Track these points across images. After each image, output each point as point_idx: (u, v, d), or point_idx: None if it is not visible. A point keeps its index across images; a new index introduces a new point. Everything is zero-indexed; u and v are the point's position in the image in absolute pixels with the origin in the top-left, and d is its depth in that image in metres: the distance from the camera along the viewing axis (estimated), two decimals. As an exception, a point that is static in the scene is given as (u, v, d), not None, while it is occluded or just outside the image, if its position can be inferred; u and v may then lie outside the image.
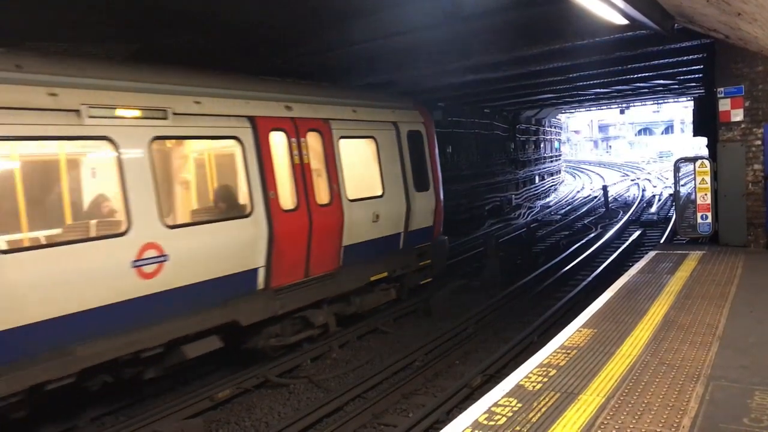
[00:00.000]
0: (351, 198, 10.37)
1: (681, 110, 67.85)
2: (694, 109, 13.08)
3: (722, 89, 10.70)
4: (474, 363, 9.45)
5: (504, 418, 4.50)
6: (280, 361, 9.34)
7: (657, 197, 30.98)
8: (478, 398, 5.05)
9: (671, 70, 16.11)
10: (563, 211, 28.68)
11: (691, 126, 13.57)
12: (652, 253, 10.85)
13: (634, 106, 33.52)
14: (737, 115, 10.65)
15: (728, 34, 9.56)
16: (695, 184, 11.21)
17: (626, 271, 9.69)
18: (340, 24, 9.73)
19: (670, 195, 28.67)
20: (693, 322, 6.63)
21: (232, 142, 8.58)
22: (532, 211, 28.87)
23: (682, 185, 13.17)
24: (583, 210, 27.85)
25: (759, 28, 7.80)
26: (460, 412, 4.84)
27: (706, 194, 11.05)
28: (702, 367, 5.36)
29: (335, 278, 10.16)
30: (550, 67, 12.92)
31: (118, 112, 7.08)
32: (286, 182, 9.32)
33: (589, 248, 17.82)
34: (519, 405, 4.72)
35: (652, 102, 33.86)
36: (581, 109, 29.30)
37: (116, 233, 6.95)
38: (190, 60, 8.53)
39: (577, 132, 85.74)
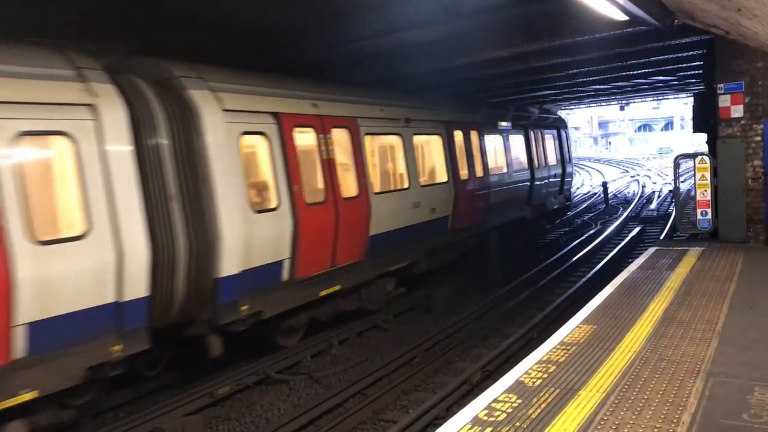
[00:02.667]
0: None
1: (681, 107, 67.81)
2: (694, 106, 13.08)
3: (722, 85, 10.68)
4: (474, 359, 9.47)
5: (504, 414, 4.51)
6: (280, 358, 9.35)
7: (657, 194, 31.00)
8: (478, 394, 5.07)
9: (671, 67, 16.06)
10: (563, 207, 28.71)
11: (691, 122, 13.55)
12: (651, 250, 10.86)
13: (633, 102, 33.39)
14: (737, 112, 10.64)
15: (728, 30, 9.54)
16: (695, 180, 11.21)
17: (626, 267, 9.70)
18: (340, 21, 9.71)
19: (670, 191, 28.66)
20: (693, 318, 6.64)
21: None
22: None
23: (682, 182, 13.13)
24: (583, 206, 27.86)
25: (759, 24, 7.79)
26: (460, 409, 4.85)
27: (705, 190, 11.05)
28: (702, 363, 5.37)
29: None
30: (550, 64, 12.90)
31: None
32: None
33: (589, 245, 17.84)
34: (519, 401, 4.73)
35: (652, 98, 33.78)
36: (581, 106, 29.22)
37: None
38: (190, 59, 8.51)
39: (576, 128, 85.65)
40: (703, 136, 13.94)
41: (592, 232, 20.51)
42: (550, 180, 19.78)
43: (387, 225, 10.97)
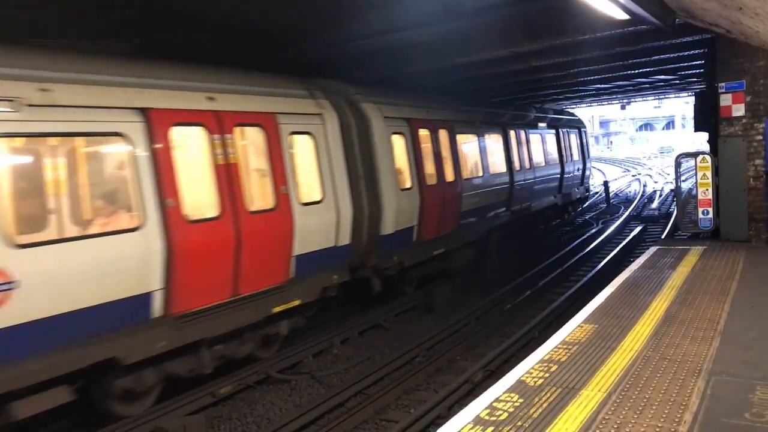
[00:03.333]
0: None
1: (682, 106, 67.80)
2: (695, 105, 13.03)
3: (723, 84, 10.67)
4: (475, 359, 9.46)
5: (505, 414, 4.50)
6: (281, 357, 9.36)
7: (658, 193, 30.98)
8: (480, 394, 5.06)
9: (672, 66, 16.04)
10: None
11: (692, 121, 13.53)
12: (653, 249, 10.85)
13: (635, 101, 33.37)
14: (738, 110, 10.62)
15: (729, 28, 9.53)
16: (696, 179, 11.20)
17: (627, 266, 9.69)
18: (340, 21, 9.71)
19: (671, 191, 28.64)
20: (694, 317, 6.63)
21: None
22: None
23: (684, 181, 13.14)
24: (584, 205, 27.83)
25: (760, 22, 7.78)
26: (462, 408, 4.84)
27: (707, 189, 11.04)
28: (703, 362, 5.36)
29: None
30: (550, 63, 12.88)
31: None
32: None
33: (591, 244, 17.84)
34: (520, 400, 4.73)
35: (653, 97, 33.75)
36: (582, 105, 29.15)
37: None
38: (190, 58, 8.52)
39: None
40: (704, 135, 13.91)
41: (593, 231, 20.50)
42: (575, 173, 23.09)
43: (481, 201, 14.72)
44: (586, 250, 16.99)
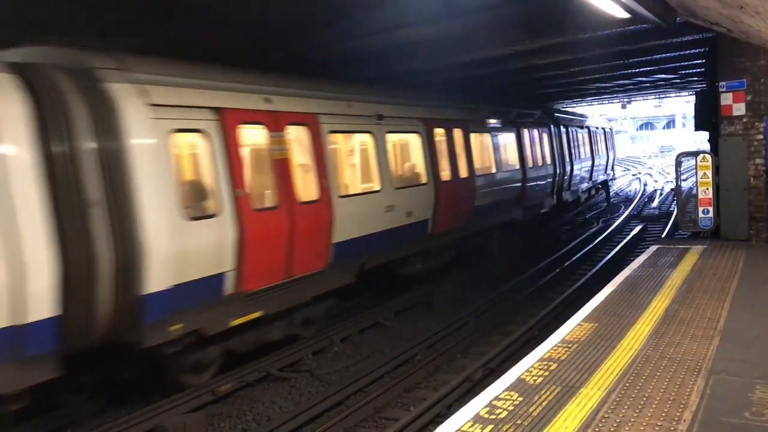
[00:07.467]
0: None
1: (683, 105, 67.67)
2: (695, 104, 13.02)
3: (724, 83, 10.67)
4: (475, 357, 9.47)
5: (505, 412, 4.51)
6: (281, 355, 9.36)
7: (658, 192, 30.97)
8: (480, 392, 5.06)
9: (673, 65, 16.06)
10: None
11: (693, 120, 13.53)
12: (653, 248, 10.85)
13: (635, 100, 33.40)
14: (739, 110, 10.62)
15: (730, 27, 9.52)
16: (697, 178, 11.20)
17: (627, 265, 9.69)
18: (341, 18, 9.70)
19: (672, 190, 28.64)
20: (694, 316, 6.64)
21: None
22: None
23: (684, 180, 13.14)
24: (584, 205, 27.83)
25: (761, 21, 7.77)
26: (462, 406, 4.85)
27: (707, 189, 11.04)
28: (703, 360, 5.36)
29: None
30: (551, 62, 12.87)
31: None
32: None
33: (591, 243, 17.84)
34: (520, 399, 4.73)
35: (654, 96, 33.73)
36: (583, 104, 29.18)
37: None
38: (190, 57, 8.52)
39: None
40: (704, 135, 13.90)
41: (593, 230, 20.50)
42: (601, 164, 28.16)
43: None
44: (586, 250, 16.97)
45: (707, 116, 11.84)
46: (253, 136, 8.72)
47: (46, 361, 6.13)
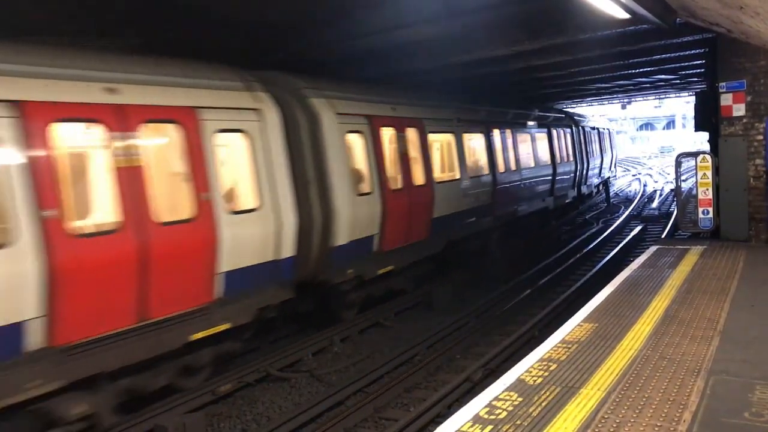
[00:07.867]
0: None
1: (683, 105, 67.63)
2: (695, 104, 13.02)
3: (724, 84, 10.67)
4: (475, 357, 9.47)
5: (505, 412, 4.51)
6: (281, 355, 9.37)
7: (658, 192, 30.98)
8: (479, 392, 5.06)
9: (673, 65, 16.08)
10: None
11: (693, 121, 13.53)
12: (653, 248, 10.85)
13: (635, 101, 33.46)
14: (739, 110, 10.62)
15: (730, 28, 9.52)
16: (697, 179, 11.20)
17: (627, 265, 9.69)
18: (341, 18, 9.71)
19: (672, 190, 28.65)
20: (694, 317, 6.64)
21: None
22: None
23: (684, 180, 13.13)
24: (585, 205, 27.83)
25: (761, 22, 7.77)
26: (461, 406, 4.85)
27: (707, 189, 11.04)
28: (703, 361, 5.36)
29: None
30: (551, 62, 12.88)
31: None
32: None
33: (591, 243, 17.83)
34: (520, 399, 4.73)
35: (654, 97, 33.77)
36: (583, 104, 29.26)
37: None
38: (190, 57, 8.52)
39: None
40: (704, 135, 13.91)
41: (593, 230, 20.50)
42: (607, 161, 30.58)
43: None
44: (586, 250, 16.97)
45: (707, 117, 11.85)
46: (387, 135, 11.41)
47: (288, 286, 8.95)
